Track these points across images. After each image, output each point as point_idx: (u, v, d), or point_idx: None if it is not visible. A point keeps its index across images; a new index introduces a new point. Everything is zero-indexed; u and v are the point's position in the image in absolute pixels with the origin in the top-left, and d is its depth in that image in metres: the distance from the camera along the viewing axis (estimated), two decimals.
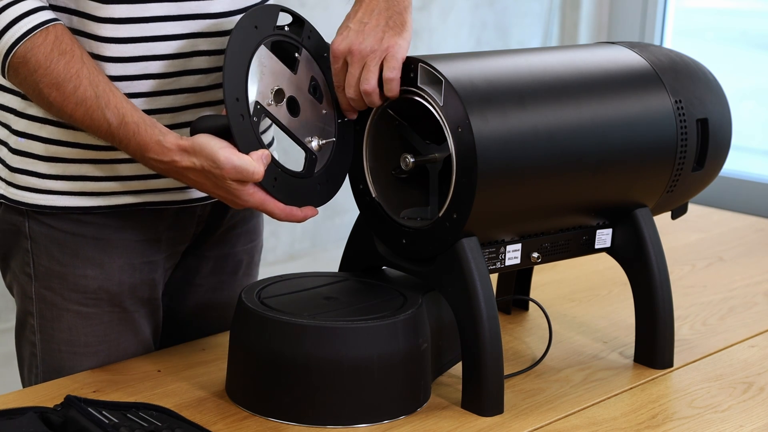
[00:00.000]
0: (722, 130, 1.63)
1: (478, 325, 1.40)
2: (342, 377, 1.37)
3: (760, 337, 1.75)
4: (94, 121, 1.41)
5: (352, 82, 1.44)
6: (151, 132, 1.41)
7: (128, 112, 1.41)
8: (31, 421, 1.29)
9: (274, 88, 1.44)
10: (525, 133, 1.41)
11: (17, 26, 1.38)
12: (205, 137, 1.40)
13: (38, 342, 1.58)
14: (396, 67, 1.41)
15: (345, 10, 1.48)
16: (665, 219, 1.75)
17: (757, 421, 1.46)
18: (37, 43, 1.39)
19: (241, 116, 1.40)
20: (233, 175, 1.38)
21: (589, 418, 1.44)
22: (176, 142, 1.40)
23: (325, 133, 1.49)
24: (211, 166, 1.39)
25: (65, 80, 1.40)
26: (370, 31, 1.42)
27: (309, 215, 1.46)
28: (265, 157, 1.40)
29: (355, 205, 1.53)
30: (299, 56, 1.47)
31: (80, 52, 1.41)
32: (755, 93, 3.54)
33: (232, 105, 1.39)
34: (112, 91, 1.42)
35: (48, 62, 1.39)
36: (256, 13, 1.43)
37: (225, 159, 1.38)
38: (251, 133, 1.41)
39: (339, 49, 1.43)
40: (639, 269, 1.58)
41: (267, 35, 1.44)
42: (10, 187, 1.54)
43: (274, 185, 1.43)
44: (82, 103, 1.40)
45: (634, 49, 1.60)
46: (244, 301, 1.43)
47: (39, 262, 1.56)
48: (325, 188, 1.50)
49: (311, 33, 1.49)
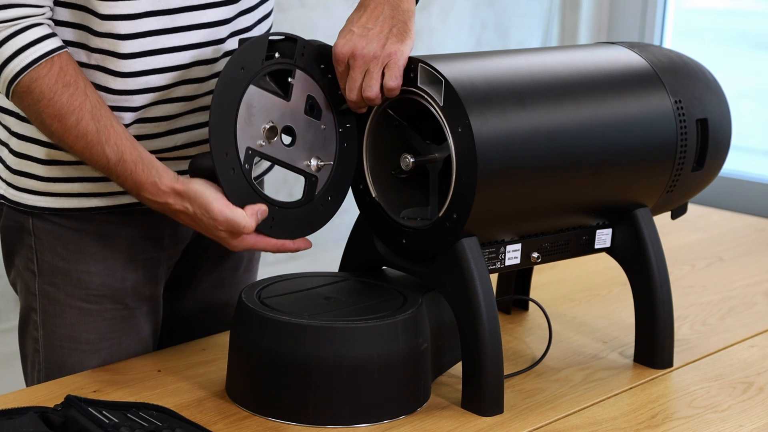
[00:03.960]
0: (722, 130, 1.63)
1: (478, 325, 1.40)
2: (342, 377, 1.37)
3: (759, 337, 1.75)
4: (93, 155, 1.43)
5: (353, 86, 1.43)
6: (148, 172, 1.43)
7: (127, 149, 1.43)
8: (32, 421, 1.29)
9: (266, 127, 1.43)
10: (525, 133, 1.41)
11: (22, 56, 1.38)
12: (201, 184, 1.41)
13: (41, 338, 1.58)
14: (398, 76, 1.41)
15: (345, 10, 1.47)
16: (665, 219, 1.75)
17: (757, 421, 1.46)
18: (42, 74, 1.39)
19: (232, 170, 1.40)
20: (225, 227, 1.41)
21: (589, 418, 1.44)
22: (171, 185, 1.42)
23: (326, 149, 1.49)
24: (203, 215, 1.41)
25: (68, 113, 1.40)
26: (374, 36, 1.42)
27: (302, 247, 1.48)
28: (261, 213, 1.42)
29: (355, 205, 1.53)
30: (292, 80, 1.45)
31: (84, 84, 1.42)
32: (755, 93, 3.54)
33: (220, 161, 1.39)
34: (113, 126, 1.43)
35: (52, 93, 1.39)
36: (242, 53, 1.40)
37: (218, 212, 1.39)
38: (244, 185, 1.42)
39: (342, 52, 1.43)
40: (639, 269, 1.58)
41: (255, 73, 1.42)
42: (11, 188, 1.55)
43: (272, 226, 1.44)
44: (82, 136, 1.41)
45: (634, 49, 1.61)
46: (244, 300, 1.43)
47: (43, 258, 1.56)
48: (329, 206, 1.50)
49: (305, 48, 1.46)
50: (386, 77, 1.42)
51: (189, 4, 1.47)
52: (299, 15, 2.97)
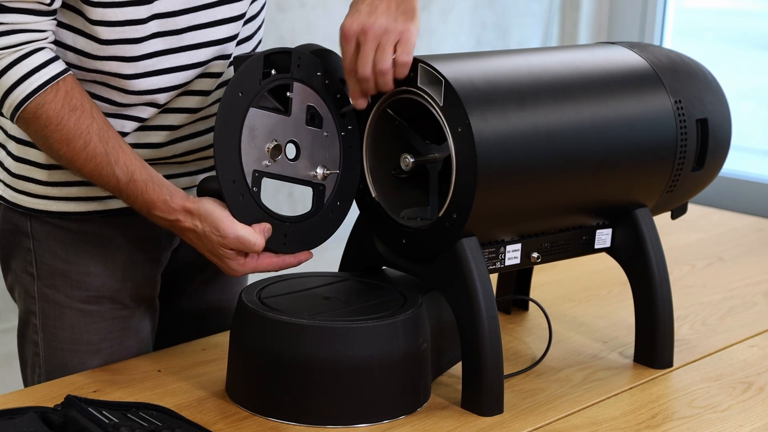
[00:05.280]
0: (722, 130, 1.63)
1: (478, 325, 1.40)
2: (342, 377, 1.37)
3: (759, 337, 1.75)
4: (103, 177, 1.42)
5: (365, 61, 1.40)
6: (159, 191, 1.42)
7: (137, 169, 1.42)
8: (32, 421, 1.29)
9: (269, 146, 1.43)
10: (525, 133, 1.41)
11: (28, 82, 1.37)
12: (212, 203, 1.41)
13: (41, 341, 1.58)
14: (410, 52, 1.40)
15: (345, 10, 1.47)
16: (665, 219, 1.75)
17: (757, 421, 1.46)
18: (48, 99, 1.38)
19: (241, 196, 1.41)
20: (235, 244, 1.40)
21: (589, 418, 1.44)
22: (182, 204, 1.42)
23: (331, 155, 1.49)
24: (212, 232, 1.40)
25: (76, 136, 1.39)
26: (383, 12, 1.40)
27: (303, 260, 1.48)
28: (267, 231, 1.42)
29: (355, 205, 1.53)
30: (291, 94, 1.45)
31: (90, 107, 1.41)
32: (755, 93, 3.54)
33: (229, 189, 1.40)
34: (121, 147, 1.42)
35: (59, 119, 1.39)
36: (239, 78, 1.40)
37: (229, 228, 1.39)
38: (254, 209, 1.42)
39: (351, 29, 1.40)
40: (639, 269, 1.58)
41: (253, 95, 1.41)
42: (10, 190, 1.55)
43: (285, 243, 1.45)
44: (92, 159, 1.41)
45: (634, 49, 1.61)
46: (244, 301, 1.43)
47: (42, 260, 1.56)
48: (338, 211, 1.50)
49: (300, 59, 1.45)
50: (399, 52, 1.40)
51: (197, 23, 1.46)
52: (299, 15, 2.97)
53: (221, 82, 1.53)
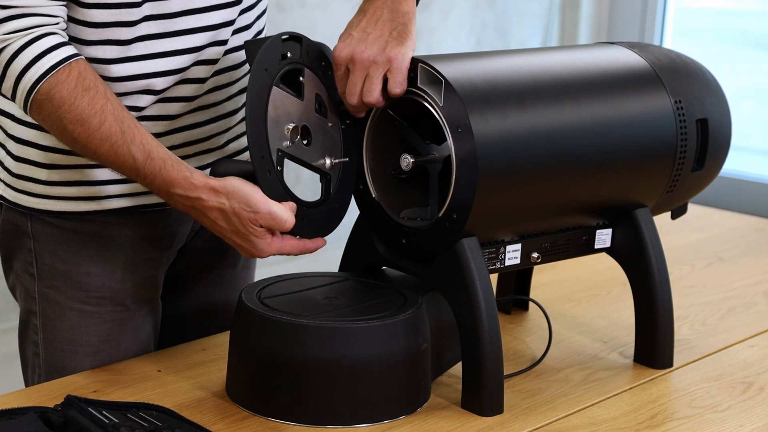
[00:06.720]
0: (722, 130, 1.63)
1: (478, 325, 1.40)
2: (342, 377, 1.37)
3: (759, 337, 1.75)
4: (119, 156, 1.40)
5: (354, 90, 1.42)
6: (179, 168, 1.40)
7: (154, 148, 1.40)
8: (31, 421, 1.29)
9: (289, 128, 1.43)
10: (525, 133, 1.41)
11: (40, 63, 1.37)
12: (238, 180, 1.39)
13: (41, 342, 1.58)
14: (402, 81, 1.40)
15: (345, 10, 1.47)
16: (665, 219, 1.75)
17: (757, 421, 1.46)
18: (61, 79, 1.37)
19: (268, 172, 1.40)
20: (267, 220, 1.38)
21: (589, 418, 1.44)
22: (204, 181, 1.40)
23: (335, 146, 1.49)
24: (242, 208, 1.38)
25: (90, 116, 1.38)
26: (374, 40, 1.41)
27: (319, 246, 1.47)
28: (293, 209, 1.41)
29: (355, 205, 1.53)
30: (303, 79, 1.46)
31: (103, 88, 1.40)
32: (755, 93, 3.54)
33: (259, 163, 1.39)
34: (137, 126, 1.41)
35: (72, 98, 1.38)
36: (264, 55, 1.40)
37: (262, 203, 1.38)
38: (279, 188, 1.42)
39: (341, 56, 1.42)
40: (639, 269, 1.58)
41: (276, 74, 1.42)
42: (11, 189, 1.55)
43: (303, 226, 1.44)
44: (107, 138, 1.39)
45: (634, 49, 1.61)
46: (244, 301, 1.43)
47: (42, 260, 1.56)
48: (341, 203, 1.50)
49: (309, 47, 1.47)
50: (390, 84, 1.41)
51: (191, 7, 1.47)
52: (299, 15, 2.97)
53: (217, 70, 1.53)
